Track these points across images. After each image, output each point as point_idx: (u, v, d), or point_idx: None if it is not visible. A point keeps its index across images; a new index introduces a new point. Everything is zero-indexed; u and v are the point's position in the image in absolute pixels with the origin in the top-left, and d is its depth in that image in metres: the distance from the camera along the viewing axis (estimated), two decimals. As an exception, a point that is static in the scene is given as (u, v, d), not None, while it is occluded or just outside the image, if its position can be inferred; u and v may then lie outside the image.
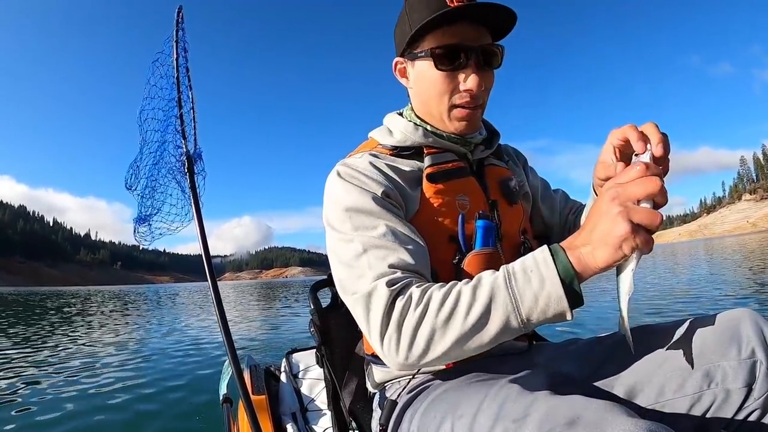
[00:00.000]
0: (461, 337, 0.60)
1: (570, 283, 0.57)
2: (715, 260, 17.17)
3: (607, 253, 0.54)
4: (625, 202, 0.53)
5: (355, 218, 0.73)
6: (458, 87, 0.79)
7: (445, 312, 0.60)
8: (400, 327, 0.62)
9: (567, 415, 0.47)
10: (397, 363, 0.64)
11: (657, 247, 3.07)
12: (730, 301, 6.25)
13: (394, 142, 0.86)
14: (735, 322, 0.66)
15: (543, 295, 0.57)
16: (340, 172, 0.79)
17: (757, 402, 0.61)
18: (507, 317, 0.59)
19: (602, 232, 0.54)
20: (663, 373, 0.67)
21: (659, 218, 0.52)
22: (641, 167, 0.54)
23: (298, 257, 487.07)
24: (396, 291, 0.64)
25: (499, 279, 0.61)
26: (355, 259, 0.70)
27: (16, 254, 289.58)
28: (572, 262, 0.57)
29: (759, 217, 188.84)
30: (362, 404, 1.03)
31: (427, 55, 0.79)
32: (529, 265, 0.60)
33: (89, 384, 3.87)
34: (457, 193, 0.82)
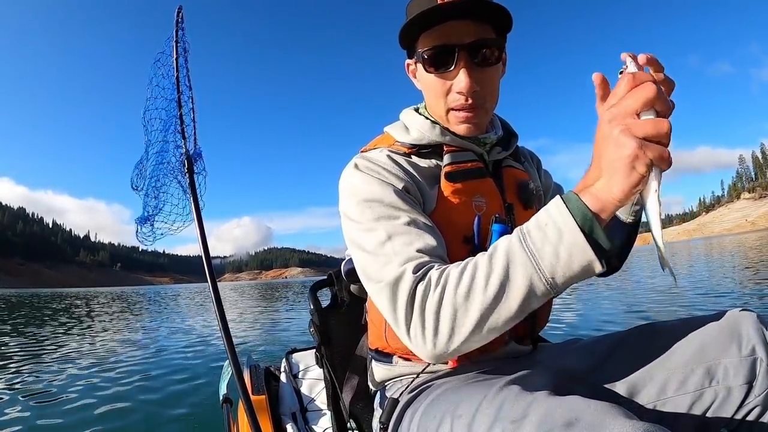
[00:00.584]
0: (485, 311, 0.56)
1: (590, 228, 0.52)
2: (714, 259, 17.18)
3: (622, 179, 0.49)
4: (623, 119, 0.49)
5: (376, 209, 0.71)
6: (451, 89, 0.76)
7: (463, 287, 0.57)
8: (423, 312, 0.60)
9: (565, 416, 0.47)
10: (428, 352, 0.60)
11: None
12: (730, 298, 6.26)
13: (411, 140, 0.83)
14: (735, 320, 0.66)
15: (563, 247, 0.53)
16: (358, 165, 0.77)
17: (758, 399, 0.62)
18: (530, 279, 0.55)
19: (609, 159, 0.50)
20: (664, 371, 0.68)
21: (666, 125, 0.47)
22: (628, 78, 0.50)
23: (298, 258, 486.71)
24: (419, 277, 0.61)
25: (513, 240, 0.57)
26: (380, 247, 0.67)
27: (15, 256, 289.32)
28: (588, 204, 0.53)
29: (758, 216, 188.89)
30: (362, 404, 1.03)
31: (419, 58, 0.77)
32: (543, 219, 0.56)
33: (89, 384, 3.86)
34: (474, 193, 0.79)
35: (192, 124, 1.45)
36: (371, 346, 0.91)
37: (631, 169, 0.48)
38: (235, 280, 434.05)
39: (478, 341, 0.59)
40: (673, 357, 0.68)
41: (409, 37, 0.78)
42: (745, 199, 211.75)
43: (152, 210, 1.46)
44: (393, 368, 0.86)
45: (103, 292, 59.35)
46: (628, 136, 0.48)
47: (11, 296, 41.74)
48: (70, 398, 3.44)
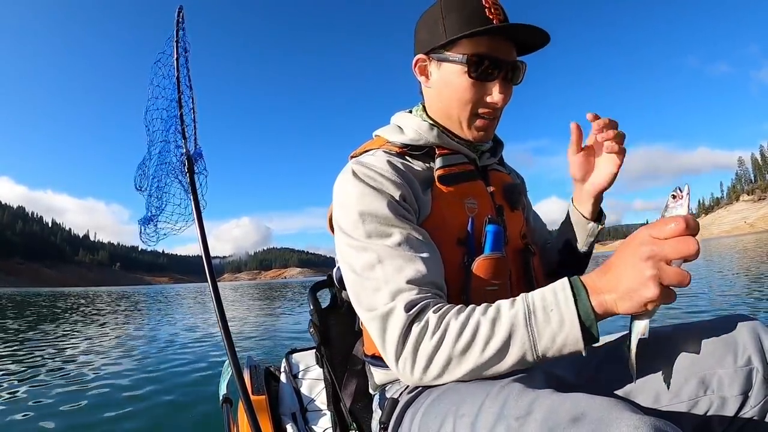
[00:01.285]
0: (476, 368, 0.62)
1: (589, 327, 0.57)
2: (713, 262, 17.17)
3: (631, 307, 0.55)
4: (658, 263, 0.52)
5: (368, 224, 0.71)
6: (484, 98, 0.80)
7: (462, 343, 0.61)
8: (415, 352, 0.63)
9: (571, 411, 0.46)
10: (412, 381, 0.66)
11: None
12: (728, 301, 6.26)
13: (405, 140, 0.84)
14: (731, 328, 0.66)
15: (561, 335, 0.58)
16: (355, 172, 0.77)
17: (753, 410, 0.61)
18: (524, 353, 0.60)
19: (629, 287, 0.54)
20: (658, 380, 0.67)
21: (689, 279, 0.51)
22: (681, 225, 0.51)
23: (297, 258, 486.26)
24: (413, 315, 0.64)
25: (519, 316, 0.61)
26: (370, 270, 0.69)
27: (15, 255, 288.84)
28: (594, 306, 0.57)
29: (757, 218, 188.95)
30: (362, 404, 1.03)
31: (462, 61, 0.78)
32: (550, 302, 0.60)
33: (88, 384, 3.86)
34: (466, 196, 0.82)
35: (192, 124, 1.46)
36: (367, 352, 0.91)
37: (641, 306, 0.54)
38: (234, 280, 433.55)
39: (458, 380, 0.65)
40: (667, 366, 0.67)
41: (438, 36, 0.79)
42: (744, 201, 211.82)
43: (155, 210, 1.46)
44: (391, 372, 0.85)
45: (103, 291, 59.29)
46: (656, 283, 0.52)
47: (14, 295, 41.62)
48: (70, 398, 3.44)
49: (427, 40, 0.82)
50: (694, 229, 0.52)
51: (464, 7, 0.77)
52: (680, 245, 0.51)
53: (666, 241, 0.52)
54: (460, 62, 0.78)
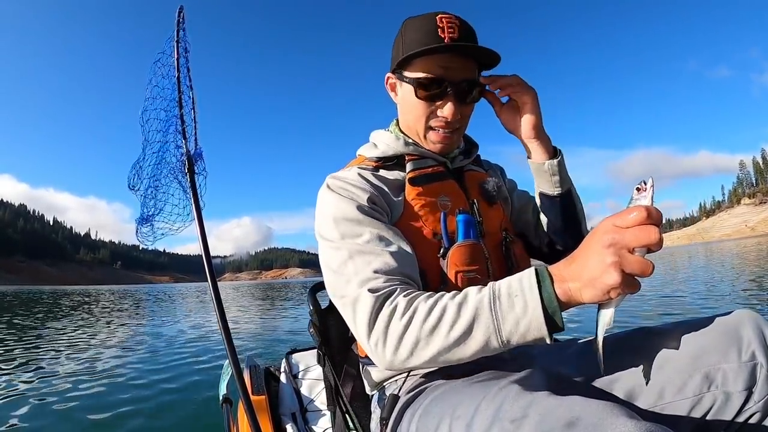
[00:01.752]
0: (443, 350, 0.63)
1: (552, 314, 0.58)
2: (714, 263, 17.16)
3: (594, 295, 0.55)
4: (620, 250, 0.53)
5: (342, 226, 0.77)
6: (435, 112, 0.86)
7: (429, 324, 0.63)
8: (385, 332, 0.66)
9: (566, 416, 0.47)
10: (383, 363, 0.68)
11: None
12: (729, 299, 6.25)
13: (378, 153, 0.92)
14: (735, 323, 0.66)
15: (524, 321, 0.59)
16: (329, 184, 0.85)
17: (758, 405, 0.61)
18: (488, 337, 0.61)
19: (592, 275, 0.55)
20: (662, 376, 0.67)
21: (651, 268, 0.52)
22: (642, 213, 0.53)
23: (298, 258, 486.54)
24: (382, 297, 0.68)
25: (484, 300, 0.62)
26: (343, 266, 0.74)
27: (16, 253, 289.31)
28: (557, 294, 0.58)
29: (758, 222, 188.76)
30: (362, 404, 1.04)
31: (411, 83, 0.84)
32: (515, 289, 0.61)
33: (88, 383, 3.87)
34: (439, 194, 0.87)
35: (193, 124, 1.46)
36: (361, 354, 0.93)
37: (605, 294, 0.55)
38: (235, 279, 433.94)
39: (430, 366, 0.67)
40: (671, 362, 0.67)
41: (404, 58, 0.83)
42: (745, 205, 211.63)
43: (151, 210, 1.46)
44: (385, 371, 0.87)
45: (104, 290, 59.34)
46: (617, 269, 0.53)
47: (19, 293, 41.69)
48: (69, 398, 3.44)
49: (393, 58, 0.89)
50: (656, 219, 0.53)
51: (420, 28, 0.82)
52: (641, 233, 0.52)
53: (628, 229, 0.53)
54: (410, 82, 0.85)
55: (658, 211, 0.53)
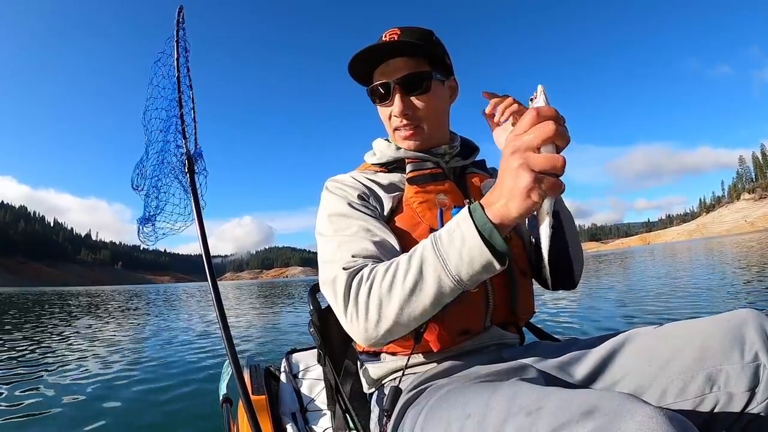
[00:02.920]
0: (403, 302, 0.65)
1: (490, 234, 0.59)
2: (714, 259, 17.16)
3: (518, 204, 0.56)
4: (523, 153, 0.54)
5: (335, 221, 0.84)
6: (391, 115, 0.93)
7: (387, 281, 0.67)
8: (356, 301, 0.69)
9: (583, 405, 0.46)
10: (360, 335, 0.70)
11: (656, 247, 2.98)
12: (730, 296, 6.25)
13: (376, 160, 0.99)
14: (738, 323, 0.65)
15: (465, 250, 0.61)
16: (327, 187, 0.93)
17: (761, 406, 0.61)
18: (438, 276, 0.63)
19: (509, 186, 0.56)
20: (665, 377, 0.67)
21: (561, 161, 0.53)
22: (532, 113, 0.55)
23: (299, 257, 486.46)
24: (353, 273, 0.72)
25: (427, 244, 0.66)
26: (332, 255, 0.78)
27: (17, 254, 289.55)
28: (489, 217, 0.60)
29: (757, 217, 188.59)
30: (361, 403, 1.04)
31: (369, 95, 0.95)
32: (452, 226, 0.64)
33: (87, 383, 3.87)
34: (436, 192, 0.90)
35: (193, 123, 1.46)
36: (359, 348, 0.94)
37: (526, 198, 0.55)
38: (236, 279, 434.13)
39: (403, 327, 0.68)
40: (673, 362, 0.67)
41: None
42: (745, 200, 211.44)
43: (153, 210, 1.46)
44: (384, 365, 0.88)
45: (104, 290, 59.43)
46: (526, 170, 0.54)
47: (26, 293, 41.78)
48: (69, 398, 3.45)
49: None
50: (548, 115, 0.54)
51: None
52: (537, 131, 0.54)
53: (524, 133, 0.55)
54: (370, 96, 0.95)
55: (551, 108, 0.55)
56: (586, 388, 0.74)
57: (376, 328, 0.68)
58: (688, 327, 0.70)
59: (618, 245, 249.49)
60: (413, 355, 0.84)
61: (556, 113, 0.55)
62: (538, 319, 1.11)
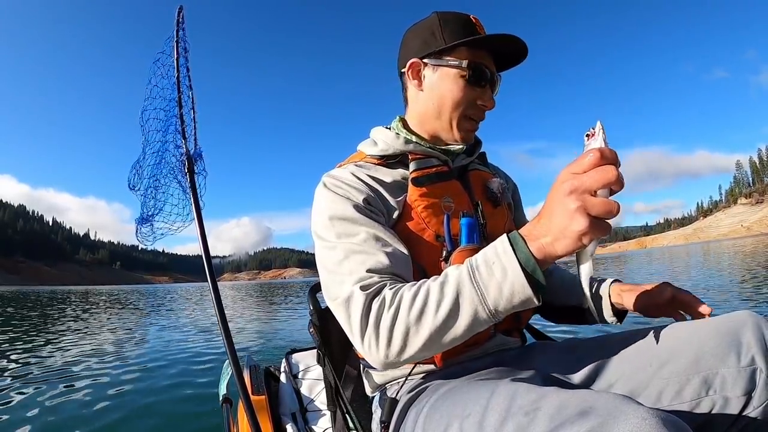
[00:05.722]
0: (434, 333, 0.62)
1: (532, 272, 0.58)
2: (711, 262, 17.18)
3: (567, 245, 0.55)
4: (581, 195, 0.52)
5: (338, 226, 0.77)
6: (475, 101, 0.87)
7: (416, 309, 0.63)
8: (377, 327, 0.65)
9: (579, 406, 0.46)
10: (379, 361, 0.66)
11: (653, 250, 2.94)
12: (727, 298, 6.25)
13: (377, 151, 0.90)
14: (735, 326, 0.65)
15: (507, 284, 0.58)
16: (325, 183, 0.84)
17: (757, 411, 0.61)
18: (475, 309, 0.61)
19: (560, 225, 0.54)
20: (661, 379, 0.67)
21: (617, 207, 0.52)
22: (596, 154, 0.52)
23: (297, 258, 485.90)
24: (371, 294, 0.67)
25: (463, 273, 0.62)
26: (338, 265, 0.73)
27: (15, 253, 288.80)
28: (532, 252, 0.58)
29: (754, 221, 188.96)
30: (362, 404, 1.04)
31: (461, 66, 0.84)
32: (491, 257, 0.61)
33: (87, 383, 3.86)
34: (442, 195, 0.85)
35: (192, 124, 1.46)
36: (360, 355, 0.93)
37: (577, 241, 0.54)
38: (234, 279, 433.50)
39: (426, 355, 0.65)
40: (669, 365, 0.67)
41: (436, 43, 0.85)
42: (741, 204, 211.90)
43: (151, 210, 1.46)
44: (387, 373, 0.87)
45: (103, 290, 59.27)
46: (583, 214, 0.52)
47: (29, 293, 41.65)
48: (69, 397, 3.43)
49: (420, 46, 0.88)
50: (611, 158, 0.52)
51: (458, 22, 0.85)
52: (598, 174, 0.52)
53: (585, 173, 0.53)
54: (459, 67, 0.84)
55: (612, 150, 0.53)
56: (584, 388, 0.74)
57: (399, 354, 0.65)
58: (684, 329, 0.70)
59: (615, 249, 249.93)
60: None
61: (617, 157, 0.53)
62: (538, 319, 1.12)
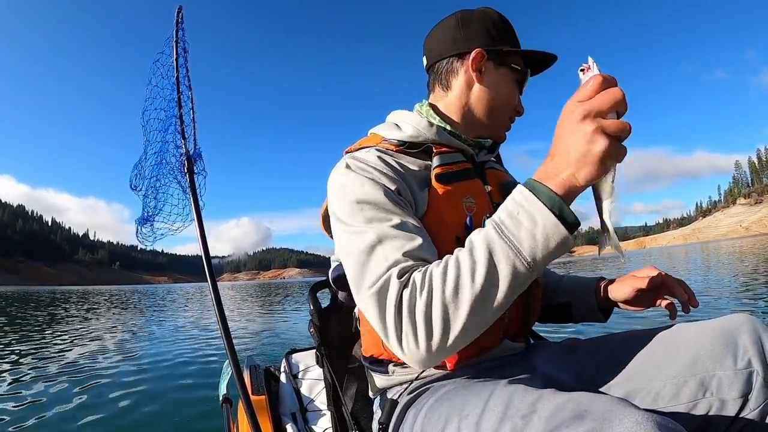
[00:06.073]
0: (476, 304, 0.57)
1: (560, 211, 0.56)
2: (710, 263, 17.19)
3: (591, 171, 0.54)
4: (595, 118, 0.52)
5: (367, 210, 0.70)
6: (517, 105, 0.90)
7: (450, 284, 0.58)
8: (413, 318, 0.59)
9: (575, 409, 0.47)
10: (421, 357, 0.60)
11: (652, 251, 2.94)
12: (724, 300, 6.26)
13: (403, 137, 0.83)
14: (732, 328, 0.65)
15: (539, 230, 0.56)
16: (349, 165, 0.77)
17: (753, 413, 0.61)
18: (513, 265, 0.57)
19: (579, 152, 0.53)
20: (658, 381, 0.67)
21: (629, 126, 0.52)
22: (597, 80, 0.53)
23: (296, 258, 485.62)
24: (403, 283, 0.62)
25: (490, 233, 0.59)
26: (370, 251, 0.66)
27: (15, 254, 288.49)
28: (554, 189, 0.56)
29: (752, 222, 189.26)
30: (362, 404, 1.04)
31: (520, 71, 0.88)
32: (513, 208, 0.59)
33: (87, 383, 3.86)
34: (464, 194, 0.80)
35: (192, 124, 1.46)
36: (365, 353, 0.89)
37: (600, 164, 0.53)
38: (233, 280, 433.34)
39: (470, 336, 0.60)
40: (666, 367, 0.67)
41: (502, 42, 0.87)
42: (740, 205, 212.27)
43: (152, 210, 1.46)
44: (391, 377, 0.84)
45: (103, 290, 59.19)
46: (601, 134, 0.52)
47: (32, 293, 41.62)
48: (69, 398, 3.43)
49: (485, 38, 0.86)
50: (612, 81, 0.53)
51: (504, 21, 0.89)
52: (606, 96, 0.52)
53: (591, 99, 0.53)
54: (518, 71, 0.88)
55: (610, 75, 0.54)
56: (583, 389, 0.74)
57: (442, 342, 0.59)
58: (682, 331, 0.70)
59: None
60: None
61: (616, 81, 0.54)
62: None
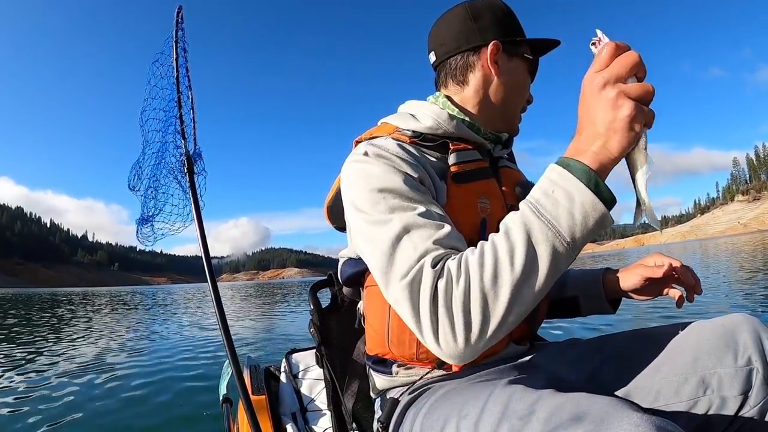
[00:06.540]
0: (516, 288, 0.54)
1: (596, 186, 0.55)
2: (710, 261, 17.22)
3: (621, 138, 0.53)
4: (615, 84, 0.53)
5: (390, 199, 0.66)
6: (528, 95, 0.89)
7: (488, 270, 0.55)
8: (449, 308, 0.55)
9: (573, 411, 0.47)
10: (460, 352, 0.56)
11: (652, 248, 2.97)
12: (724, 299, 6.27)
13: (420, 128, 0.79)
14: (732, 327, 0.66)
15: (577, 208, 0.54)
16: (368, 151, 0.72)
17: (753, 410, 0.61)
18: (552, 246, 0.55)
19: (607, 120, 0.53)
20: (658, 379, 0.68)
21: (652, 88, 0.52)
22: (611, 46, 0.53)
23: (295, 258, 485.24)
24: (437, 273, 0.57)
25: (526, 214, 0.57)
26: (396, 242, 0.62)
27: (14, 255, 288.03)
28: (588, 164, 0.55)
29: (750, 218, 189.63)
30: (362, 404, 1.03)
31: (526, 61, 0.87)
32: (547, 186, 0.57)
33: (87, 383, 3.85)
34: (479, 195, 0.77)
35: (192, 124, 1.46)
36: (369, 352, 0.88)
37: (630, 129, 0.53)
38: (232, 280, 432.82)
39: (510, 326, 0.57)
40: (667, 365, 0.68)
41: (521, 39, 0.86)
42: (738, 202, 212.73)
43: (152, 210, 1.46)
44: (394, 379, 0.83)
45: (103, 291, 59.06)
46: (624, 99, 0.52)
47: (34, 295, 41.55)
48: (69, 398, 3.43)
49: (497, 29, 0.83)
50: (625, 47, 0.54)
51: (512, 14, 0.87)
52: (623, 60, 0.53)
53: (609, 66, 0.53)
54: (529, 60, 0.87)
55: (624, 42, 0.54)
56: (583, 389, 0.74)
57: (481, 332, 0.55)
58: (682, 330, 0.70)
59: (613, 246, 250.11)
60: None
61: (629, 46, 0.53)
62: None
